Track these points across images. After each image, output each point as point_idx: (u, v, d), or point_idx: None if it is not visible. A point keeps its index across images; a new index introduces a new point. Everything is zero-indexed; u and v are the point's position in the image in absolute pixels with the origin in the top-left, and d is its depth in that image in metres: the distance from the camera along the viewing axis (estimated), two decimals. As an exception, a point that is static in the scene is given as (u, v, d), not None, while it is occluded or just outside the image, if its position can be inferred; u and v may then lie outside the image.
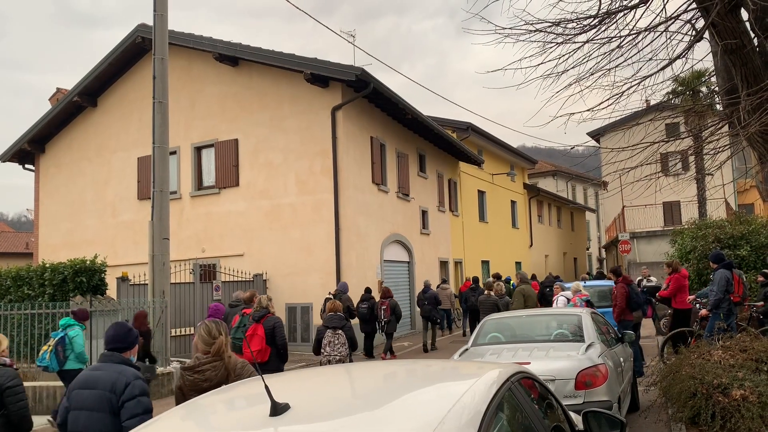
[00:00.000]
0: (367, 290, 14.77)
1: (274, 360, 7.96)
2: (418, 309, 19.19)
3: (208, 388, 3.77)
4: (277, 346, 7.93)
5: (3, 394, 4.81)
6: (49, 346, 8.82)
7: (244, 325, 8.29)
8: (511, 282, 21.55)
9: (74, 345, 8.90)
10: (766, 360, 5.91)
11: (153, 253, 11.33)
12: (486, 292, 14.37)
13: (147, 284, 11.98)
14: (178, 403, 3.86)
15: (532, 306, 12.70)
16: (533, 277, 22.09)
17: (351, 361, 8.56)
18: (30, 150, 20.77)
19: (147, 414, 3.78)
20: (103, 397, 3.82)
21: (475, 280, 18.07)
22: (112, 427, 3.79)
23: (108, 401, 3.81)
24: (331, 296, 12.78)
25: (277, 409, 2.12)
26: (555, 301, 12.15)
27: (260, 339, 7.88)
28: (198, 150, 18.37)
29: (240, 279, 16.17)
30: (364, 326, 14.37)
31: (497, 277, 17.98)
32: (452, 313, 19.93)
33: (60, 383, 9.99)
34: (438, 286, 18.72)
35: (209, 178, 18.25)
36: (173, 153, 17.23)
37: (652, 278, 16.12)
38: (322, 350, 8.20)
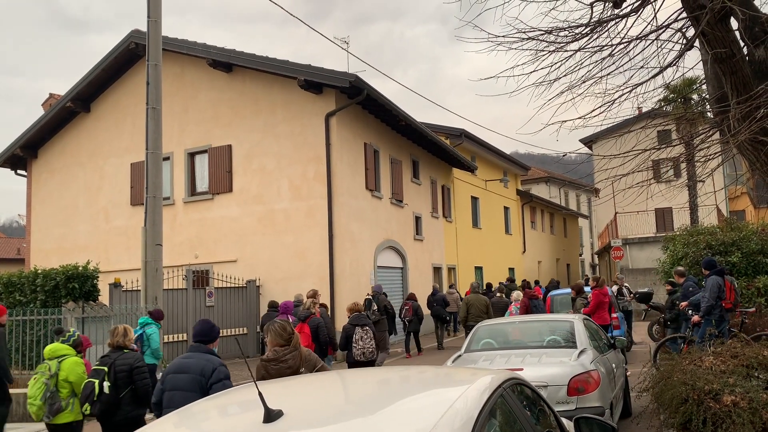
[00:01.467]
0: (385, 294, 15.41)
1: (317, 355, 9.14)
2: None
3: (290, 374, 4.70)
4: (320, 343, 9.46)
5: (132, 372, 5.90)
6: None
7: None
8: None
9: (151, 342, 9.56)
10: (757, 366, 5.94)
11: (146, 259, 11.27)
12: (498, 294, 15.90)
13: (140, 290, 11.92)
14: None
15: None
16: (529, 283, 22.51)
17: (378, 354, 9.86)
18: (22, 155, 20.68)
19: None
20: (194, 380, 4.64)
21: (489, 285, 18.85)
22: None
23: (198, 383, 4.62)
24: (370, 297, 13.68)
25: (271, 416, 2.13)
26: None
27: (306, 336, 9.24)
28: (191, 156, 18.35)
29: (233, 285, 16.14)
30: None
31: (511, 280, 19.23)
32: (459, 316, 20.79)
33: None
34: (446, 291, 19.61)
35: (202, 183, 18.22)
36: (167, 159, 17.21)
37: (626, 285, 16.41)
38: (354, 345, 9.11)
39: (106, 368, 5.87)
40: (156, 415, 4.70)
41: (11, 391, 8.00)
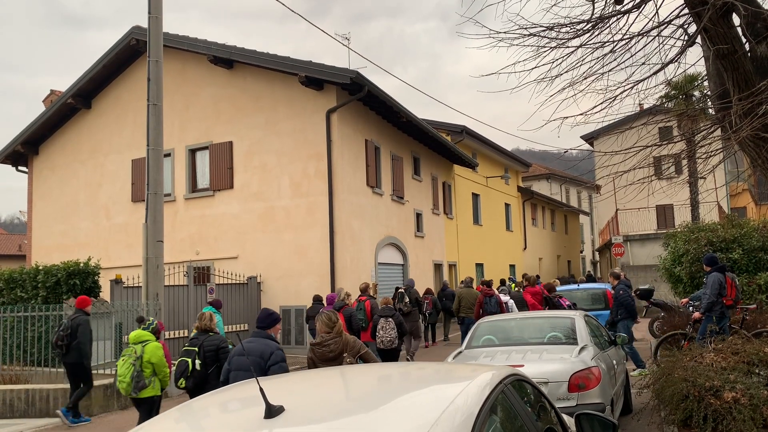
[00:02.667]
0: (397, 290, 16.03)
1: None
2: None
3: (332, 357, 5.61)
4: (353, 330, 10.32)
5: (218, 352, 6.76)
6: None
7: (362, 309, 11.56)
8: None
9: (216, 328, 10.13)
10: (757, 363, 5.95)
11: (147, 255, 11.30)
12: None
13: (141, 287, 11.94)
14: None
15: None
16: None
17: (402, 344, 10.80)
18: (23, 152, 20.68)
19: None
20: (255, 362, 5.24)
21: (502, 281, 19.53)
22: None
23: (258, 365, 5.23)
24: (402, 290, 14.60)
25: (272, 411, 2.13)
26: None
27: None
28: (192, 152, 18.34)
29: (234, 281, 16.14)
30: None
31: (525, 277, 19.80)
32: None
33: (51, 386, 10.62)
34: (457, 287, 19.89)
35: (203, 180, 18.22)
36: (168, 155, 17.20)
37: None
38: (377, 334, 10.18)
39: (196, 349, 6.76)
40: None
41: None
